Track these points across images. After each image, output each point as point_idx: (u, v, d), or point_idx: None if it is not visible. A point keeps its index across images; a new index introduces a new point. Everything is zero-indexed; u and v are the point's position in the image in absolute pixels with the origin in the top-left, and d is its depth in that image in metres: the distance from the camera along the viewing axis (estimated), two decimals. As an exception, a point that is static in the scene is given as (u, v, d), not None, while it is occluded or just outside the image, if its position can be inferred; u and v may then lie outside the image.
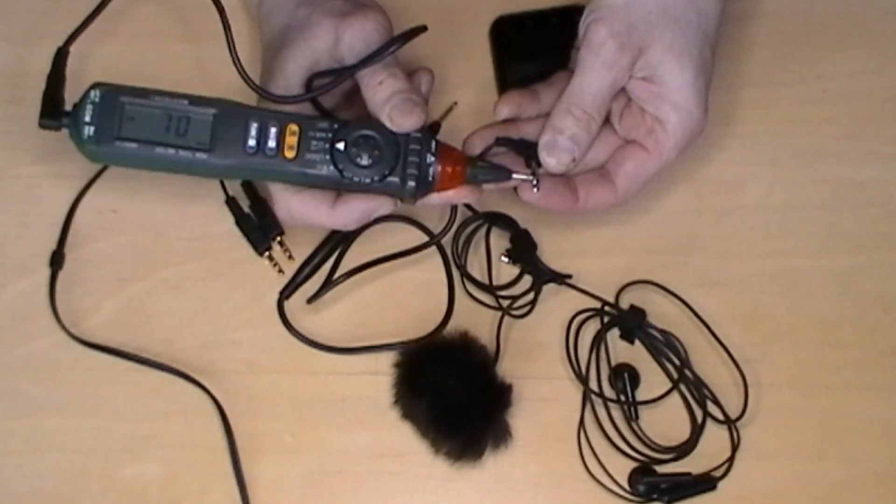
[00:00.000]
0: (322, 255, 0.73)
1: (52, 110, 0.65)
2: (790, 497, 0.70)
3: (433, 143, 0.65)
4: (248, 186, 0.73)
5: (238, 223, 0.73)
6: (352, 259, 0.73)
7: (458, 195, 0.67)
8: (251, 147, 0.63)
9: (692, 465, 0.70)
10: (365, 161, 0.64)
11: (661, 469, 0.70)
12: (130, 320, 0.72)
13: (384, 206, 0.66)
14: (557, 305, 0.72)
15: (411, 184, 0.64)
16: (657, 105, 0.66)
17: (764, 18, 0.76)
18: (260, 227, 0.73)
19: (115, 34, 0.74)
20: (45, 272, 0.72)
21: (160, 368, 0.70)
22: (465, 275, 0.73)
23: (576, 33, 0.68)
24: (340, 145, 0.64)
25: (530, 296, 0.72)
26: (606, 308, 0.72)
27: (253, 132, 0.63)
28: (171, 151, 0.63)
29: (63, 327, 0.71)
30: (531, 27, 0.75)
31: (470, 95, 0.75)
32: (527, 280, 0.73)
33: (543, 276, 0.72)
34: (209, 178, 0.72)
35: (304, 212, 0.66)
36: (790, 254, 0.74)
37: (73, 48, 0.68)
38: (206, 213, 0.73)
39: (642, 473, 0.70)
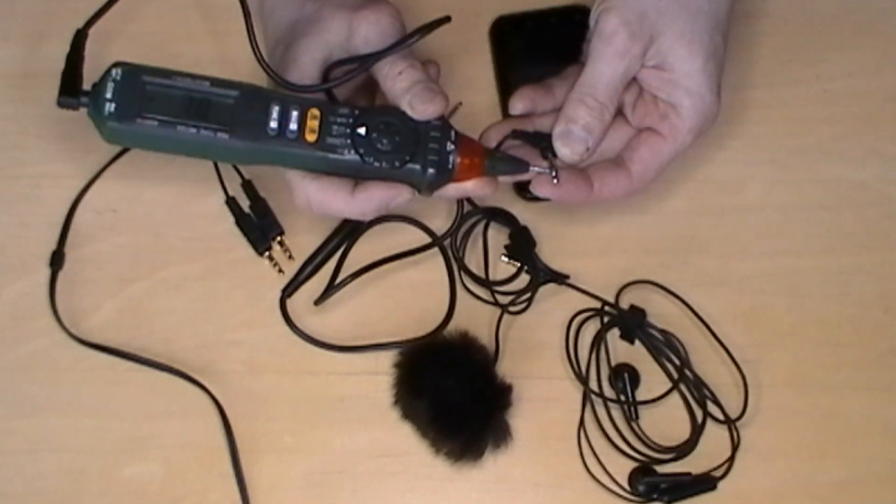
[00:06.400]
0: (325, 253, 0.73)
1: (71, 88, 0.64)
2: (790, 497, 0.70)
3: (453, 133, 0.65)
4: (249, 186, 0.73)
5: (238, 223, 0.73)
6: (353, 259, 0.73)
7: (476, 187, 0.66)
8: (273, 129, 0.63)
9: (692, 465, 0.70)
10: (386, 147, 0.64)
11: (661, 469, 0.70)
12: (130, 320, 0.72)
13: (403, 194, 0.65)
14: (557, 305, 0.72)
15: (431, 171, 0.64)
16: (669, 91, 0.66)
17: (764, 18, 0.77)
18: (260, 227, 0.73)
19: (122, 32, 0.74)
20: (45, 272, 0.72)
21: (160, 368, 0.70)
22: (464, 269, 0.73)
23: (576, 32, 0.68)
24: (362, 130, 0.64)
25: (528, 293, 0.72)
26: (606, 308, 0.72)
27: (275, 115, 0.63)
28: (193, 131, 0.62)
29: (63, 327, 0.71)
30: (531, 27, 0.75)
31: (473, 96, 0.74)
32: (525, 277, 0.73)
33: (541, 273, 0.72)
34: (228, 161, 0.72)
35: (322, 199, 0.65)
36: (790, 254, 0.74)
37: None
38: (206, 213, 0.73)
39: (642, 473, 0.70)
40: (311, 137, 0.63)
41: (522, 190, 0.72)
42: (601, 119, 0.66)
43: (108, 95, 0.62)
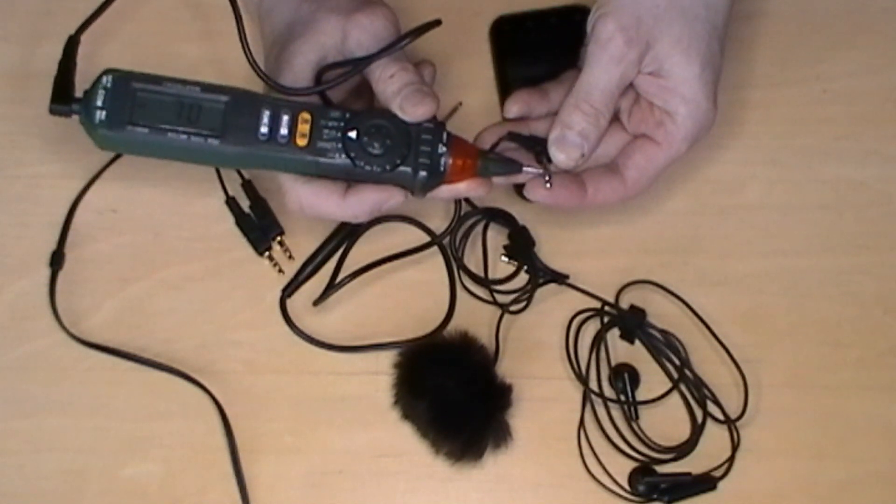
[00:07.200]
0: (325, 253, 0.73)
1: (63, 96, 0.64)
2: (790, 497, 0.70)
3: (445, 135, 0.65)
4: (249, 186, 0.73)
5: (238, 223, 0.73)
6: (353, 259, 0.73)
7: (469, 188, 0.66)
8: (263, 134, 0.63)
9: (692, 465, 0.70)
10: (377, 150, 0.64)
11: (661, 469, 0.70)
12: (130, 320, 0.72)
13: (395, 196, 0.65)
14: (557, 305, 0.72)
15: (423, 174, 0.64)
16: (666, 98, 0.66)
17: (764, 18, 0.76)
18: (260, 227, 0.73)
19: (118, 32, 0.74)
20: (45, 272, 0.72)
21: (160, 368, 0.70)
22: (463, 268, 0.73)
23: (576, 33, 0.68)
24: (352, 134, 0.64)
25: (528, 292, 0.72)
26: (606, 308, 0.72)
27: (265, 119, 0.63)
28: (183, 137, 0.63)
29: (63, 327, 0.71)
30: (531, 27, 0.75)
31: (472, 96, 0.75)
32: (524, 276, 0.73)
33: (541, 273, 0.72)
34: (220, 166, 0.72)
35: (314, 202, 0.65)
36: (790, 254, 0.74)
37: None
38: (206, 213, 0.73)
39: (642, 473, 0.70)
40: (301, 142, 0.63)
41: (522, 190, 0.72)
42: (597, 125, 0.66)
43: (99, 103, 0.62)
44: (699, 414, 0.71)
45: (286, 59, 0.65)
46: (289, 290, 0.72)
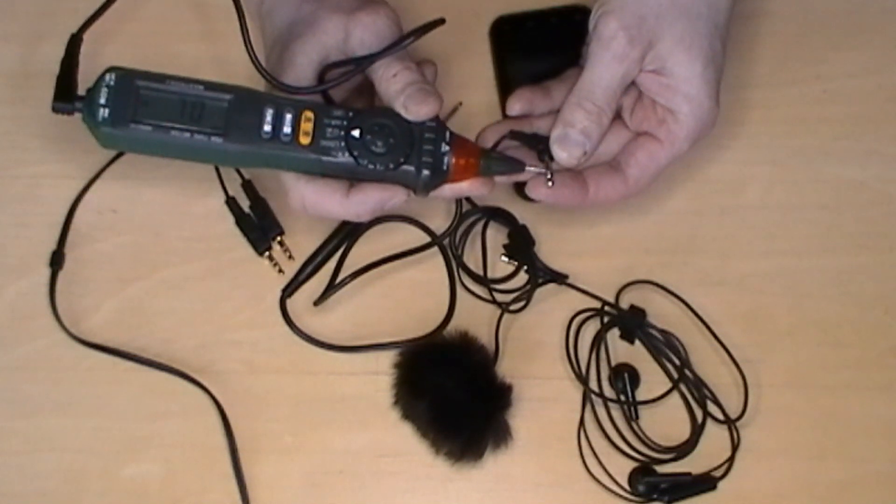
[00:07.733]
0: (325, 253, 0.73)
1: (66, 94, 0.64)
2: (790, 497, 0.70)
3: (447, 134, 0.65)
4: (249, 186, 0.73)
5: (238, 223, 0.73)
6: (353, 259, 0.73)
7: (471, 187, 0.66)
8: (266, 132, 0.63)
9: (692, 465, 0.70)
10: (380, 149, 0.64)
11: (661, 469, 0.70)
12: (130, 320, 0.72)
13: (398, 195, 0.65)
14: (557, 305, 0.72)
15: (426, 172, 0.64)
16: (668, 97, 0.66)
17: (764, 18, 0.77)
18: (260, 227, 0.73)
19: (120, 32, 0.74)
20: (45, 272, 0.72)
21: (160, 368, 0.70)
22: (463, 267, 0.73)
23: (576, 33, 0.68)
24: (356, 132, 0.64)
25: (528, 291, 0.72)
26: (606, 308, 0.72)
27: (268, 118, 0.63)
28: (187, 135, 0.63)
29: (63, 327, 0.71)
30: (531, 27, 0.75)
31: (472, 96, 0.75)
32: (524, 276, 0.73)
33: (540, 272, 0.72)
34: (223, 165, 0.72)
35: (317, 201, 0.65)
36: (790, 254, 0.74)
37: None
38: (206, 213, 0.73)
39: (642, 473, 0.70)
40: (305, 140, 0.63)
41: (522, 189, 0.72)
42: (599, 123, 0.66)
43: (102, 101, 0.62)
44: (699, 414, 0.71)
45: (288, 58, 0.65)
46: (289, 290, 0.72)
